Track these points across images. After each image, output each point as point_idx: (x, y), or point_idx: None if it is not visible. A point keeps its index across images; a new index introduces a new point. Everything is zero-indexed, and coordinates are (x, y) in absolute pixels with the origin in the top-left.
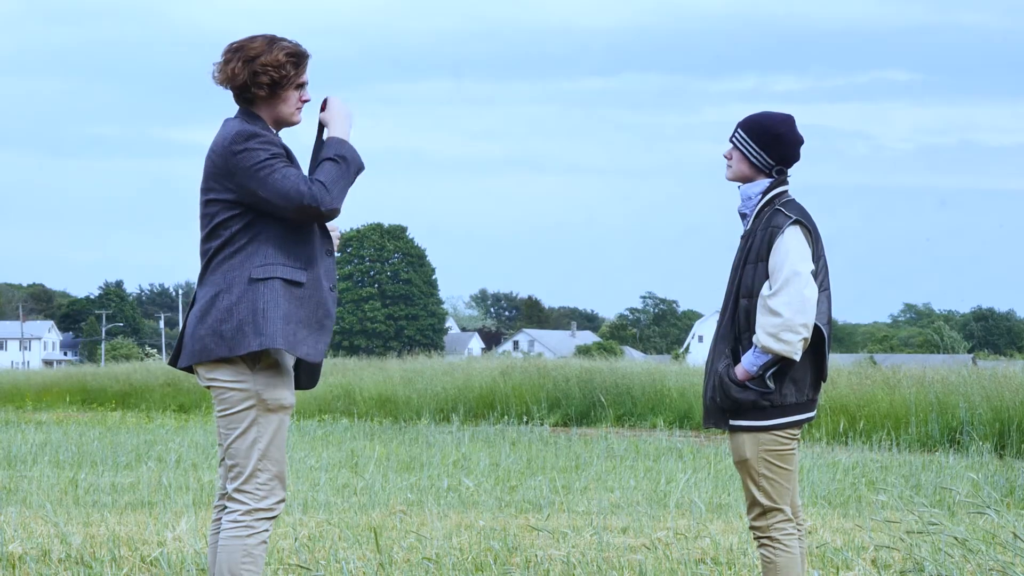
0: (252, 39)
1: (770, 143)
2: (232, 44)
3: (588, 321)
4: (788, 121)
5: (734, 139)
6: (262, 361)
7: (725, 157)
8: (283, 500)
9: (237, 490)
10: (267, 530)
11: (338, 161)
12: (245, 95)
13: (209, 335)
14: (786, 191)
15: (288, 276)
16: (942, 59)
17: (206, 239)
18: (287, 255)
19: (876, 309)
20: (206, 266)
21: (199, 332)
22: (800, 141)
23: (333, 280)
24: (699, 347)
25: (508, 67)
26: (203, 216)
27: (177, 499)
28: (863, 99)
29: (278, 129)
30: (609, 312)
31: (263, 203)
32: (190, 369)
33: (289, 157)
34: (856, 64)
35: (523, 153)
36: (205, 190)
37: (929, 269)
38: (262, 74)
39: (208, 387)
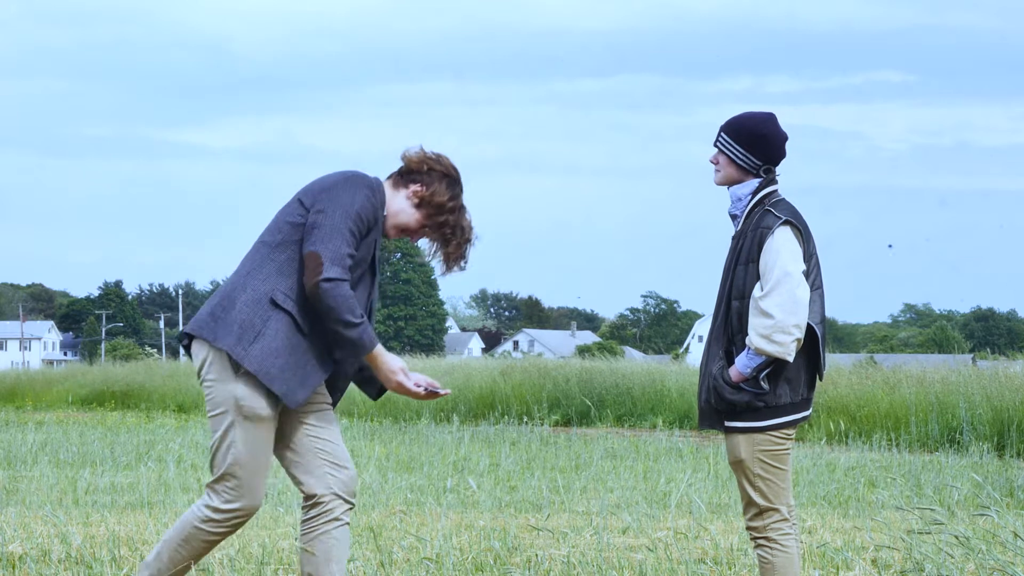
0: (460, 191)
1: (755, 143)
2: (456, 170)
3: (588, 321)
4: (771, 120)
5: (719, 143)
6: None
7: (712, 162)
8: (246, 509)
9: (210, 485)
10: (227, 532)
11: (360, 324)
12: (416, 195)
13: (207, 314)
14: (776, 191)
15: (299, 319)
16: (936, 60)
17: (267, 232)
18: (306, 302)
19: (876, 309)
20: (251, 253)
21: (206, 307)
22: (784, 138)
23: (339, 346)
24: (699, 347)
25: (506, 68)
26: (282, 214)
27: (177, 499)
28: (858, 100)
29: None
30: (609, 312)
31: (309, 223)
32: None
33: (365, 251)
34: (850, 65)
35: (521, 154)
36: (298, 200)
37: (929, 269)
38: (442, 225)
39: (201, 383)
